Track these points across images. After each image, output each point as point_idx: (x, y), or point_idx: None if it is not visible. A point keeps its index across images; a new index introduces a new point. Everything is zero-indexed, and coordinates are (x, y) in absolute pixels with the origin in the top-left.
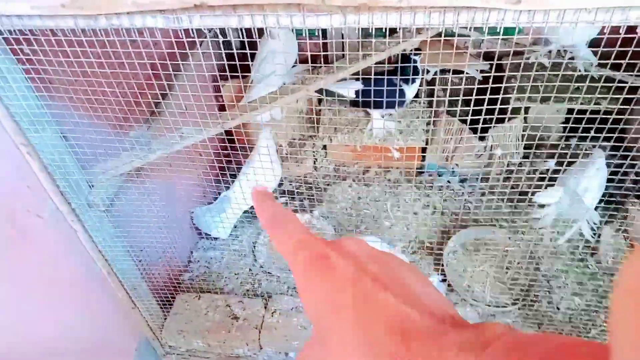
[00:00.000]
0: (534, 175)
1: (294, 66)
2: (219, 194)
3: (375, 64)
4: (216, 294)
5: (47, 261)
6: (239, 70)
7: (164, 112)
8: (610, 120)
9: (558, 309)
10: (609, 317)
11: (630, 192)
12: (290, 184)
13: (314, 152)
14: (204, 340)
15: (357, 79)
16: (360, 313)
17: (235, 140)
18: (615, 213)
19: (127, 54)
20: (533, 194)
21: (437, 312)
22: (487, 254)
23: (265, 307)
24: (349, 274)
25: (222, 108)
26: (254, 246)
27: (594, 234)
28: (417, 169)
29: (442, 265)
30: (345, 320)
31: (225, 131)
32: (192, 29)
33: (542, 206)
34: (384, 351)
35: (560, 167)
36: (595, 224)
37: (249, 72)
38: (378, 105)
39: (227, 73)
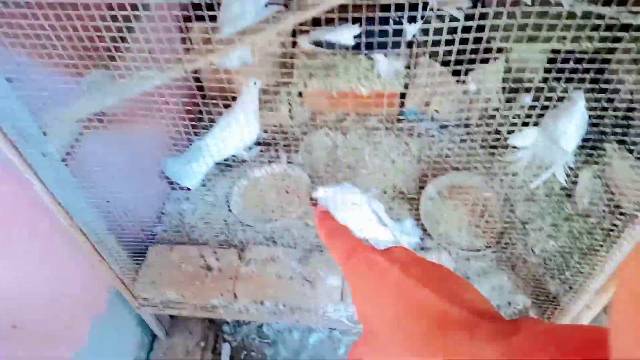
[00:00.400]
0: (512, 119)
1: (266, 5)
2: (191, 143)
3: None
4: (190, 245)
5: (1, 215)
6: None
7: (123, 55)
8: (588, 59)
9: (533, 252)
10: (610, 314)
11: (607, 133)
12: (265, 133)
13: (289, 99)
14: (177, 291)
15: (354, 22)
16: (402, 307)
17: (205, 87)
18: (592, 154)
19: None
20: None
21: (475, 308)
22: (464, 200)
23: (240, 258)
24: (393, 274)
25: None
26: (228, 198)
27: (568, 177)
28: (396, 115)
29: (419, 211)
30: (388, 314)
31: (195, 78)
32: None
33: (517, 148)
34: (422, 340)
35: (536, 106)
36: (570, 168)
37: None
38: (382, 47)
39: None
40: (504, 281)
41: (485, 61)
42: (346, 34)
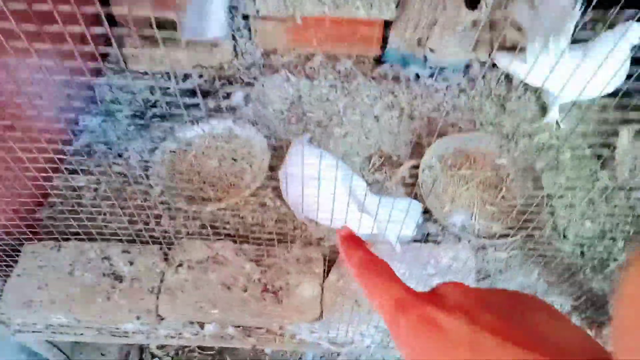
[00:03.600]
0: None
1: None
2: (92, 95)
3: None
4: (89, 240)
5: None
6: None
7: None
8: None
9: (565, 236)
10: (612, 321)
11: None
12: (200, 77)
13: (233, 30)
14: (68, 313)
15: None
16: None
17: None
18: (633, 110)
19: None
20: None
21: (572, 355)
22: (473, 169)
23: (166, 259)
24: (462, 333)
25: None
26: (148, 167)
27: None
28: (372, 55)
29: (418, 186)
30: None
31: None
32: None
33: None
34: None
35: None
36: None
37: None
38: None
39: None
40: (534, 278)
41: None
42: None
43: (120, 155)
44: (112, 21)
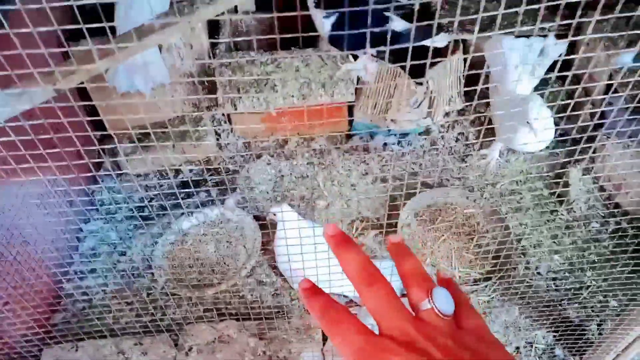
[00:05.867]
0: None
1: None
2: (92, 201)
3: None
4: (102, 337)
5: None
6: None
7: None
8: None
9: (539, 273)
10: None
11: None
12: (190, 172)
13: (215, 127)
14: None
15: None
16: None
17: (106, 122)
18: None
19: None
20: (481, 144)
21: None
22: (446, 221)
23: (176, 345)
24: None
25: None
26: (150, 261)
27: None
28: (344, 131)
29: None
30: None
31: (89, 110)
32: None
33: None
34: None
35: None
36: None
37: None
38: (356, 44)
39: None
40: (516, 316)
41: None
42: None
43: (124, 254)
44: (102, 127)
